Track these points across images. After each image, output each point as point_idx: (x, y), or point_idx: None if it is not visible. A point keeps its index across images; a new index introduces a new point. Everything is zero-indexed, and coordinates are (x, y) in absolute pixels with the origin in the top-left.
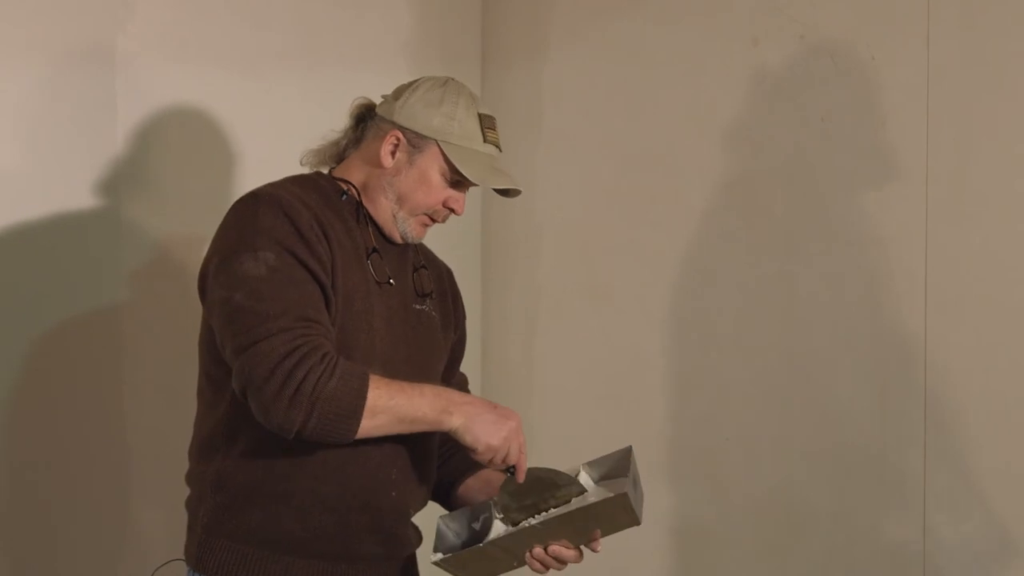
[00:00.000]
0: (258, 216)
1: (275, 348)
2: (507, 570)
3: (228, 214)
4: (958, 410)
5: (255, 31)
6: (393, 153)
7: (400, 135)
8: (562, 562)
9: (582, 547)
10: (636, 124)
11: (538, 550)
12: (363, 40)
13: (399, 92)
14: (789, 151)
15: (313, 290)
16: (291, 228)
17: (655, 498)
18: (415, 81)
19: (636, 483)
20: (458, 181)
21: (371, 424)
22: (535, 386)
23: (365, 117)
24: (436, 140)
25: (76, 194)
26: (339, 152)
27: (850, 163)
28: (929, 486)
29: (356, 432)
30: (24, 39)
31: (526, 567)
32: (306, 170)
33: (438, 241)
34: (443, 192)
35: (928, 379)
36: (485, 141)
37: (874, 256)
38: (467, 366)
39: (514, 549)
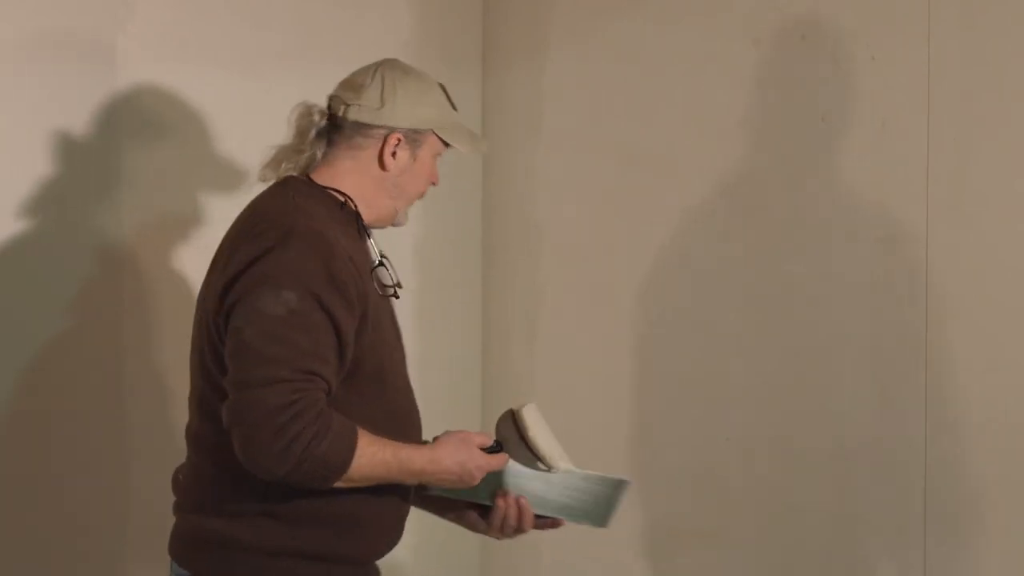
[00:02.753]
0: (289, 252)
1: (272, 398)
2: (478, 498)
3: (260, 239)
4: (959, 410)
5: (255, 31)
6: (394, 154)
7: (401, 136)
8: (520, 519)
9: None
10: (636, 124)
11: (512, 495)
12: (363, 40)
13: (372, 96)
14: (789, 151)
15: (326, 337)
16: (322, 269)
17: (654, 498)
18: (372, 79)
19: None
20: (439, 154)
21: (345, 485)
22: (536, 386)
23: (331, 125)
24: (433, 130)
25: (75, 194)
26: (306, 163)
27: (850, 163)
28: (929, 486)
29: (329, 487)
30: (24, 39)
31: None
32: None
33: (438, 242)
34: (435, 172)
35: (928, 379)
36: (454, 109)
37: (875, 256)
38: (468, 366)
39: (495, 476)
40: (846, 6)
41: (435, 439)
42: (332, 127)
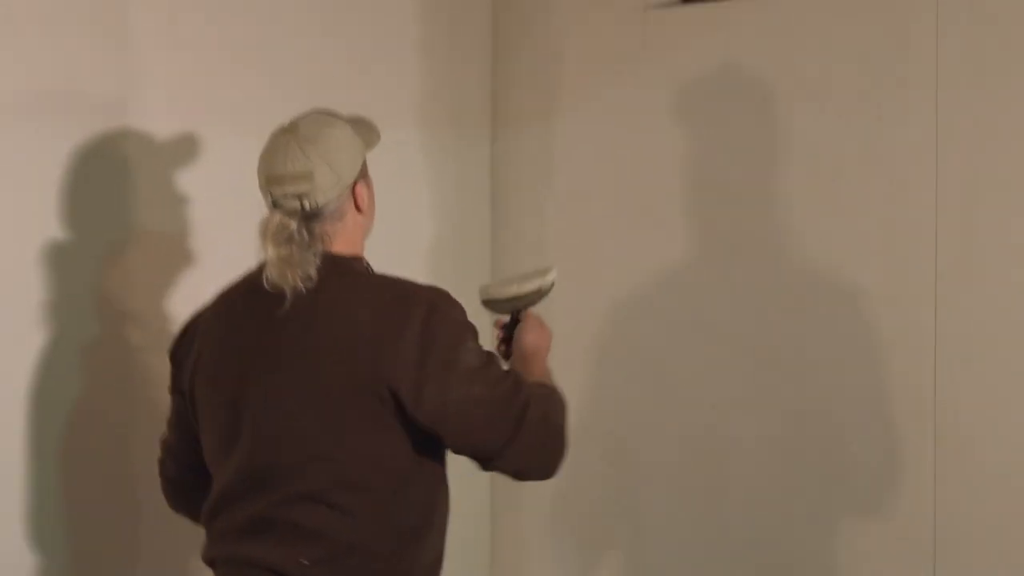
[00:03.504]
0: (441, 313)
1: (536, 417)
2: None
3: (410, 323)
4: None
5: (262, 89)
6: (363, 197)
7: (360, 181)
8: None
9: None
10: (643, 184)
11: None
12: (372, 98)
13: (326, 177)
14: (799, 211)
15: None
16: (463, 313)
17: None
18: (312, 160)
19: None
20: None
21: None
22: None
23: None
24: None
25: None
26: (321, 251)
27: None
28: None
29: None
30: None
31: None
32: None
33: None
34: None
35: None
36: (348, 119)
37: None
38: None
39: None
40: (855, 63)
41: (516, 331)
42: (308, 218)
